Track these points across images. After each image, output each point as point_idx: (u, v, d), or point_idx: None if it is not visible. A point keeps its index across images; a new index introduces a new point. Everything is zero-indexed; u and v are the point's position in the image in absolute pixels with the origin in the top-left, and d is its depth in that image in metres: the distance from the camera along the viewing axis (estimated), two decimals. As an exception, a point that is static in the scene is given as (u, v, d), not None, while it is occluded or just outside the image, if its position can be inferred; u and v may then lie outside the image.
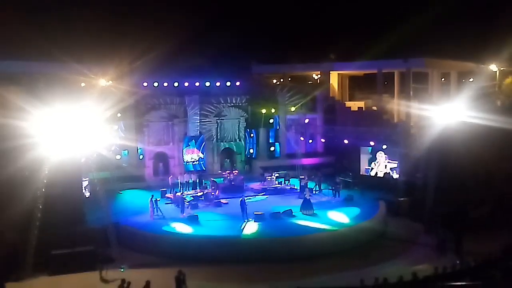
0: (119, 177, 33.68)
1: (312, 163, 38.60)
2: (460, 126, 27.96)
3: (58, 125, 22.83)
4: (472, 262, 18.92)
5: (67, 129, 22.98)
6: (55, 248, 22.22)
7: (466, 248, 23.14)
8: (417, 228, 27.42)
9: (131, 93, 33.99)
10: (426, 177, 29.07)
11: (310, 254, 23.35)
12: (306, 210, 27.73)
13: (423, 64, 39.14)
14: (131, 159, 35.97)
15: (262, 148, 39.60)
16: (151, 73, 35.54)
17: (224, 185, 33.12)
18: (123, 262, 22.51)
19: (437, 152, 28.64)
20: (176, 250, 23.55)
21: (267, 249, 23.44)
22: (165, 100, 36.83)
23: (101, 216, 24.78)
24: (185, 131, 37.46)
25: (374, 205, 29.10)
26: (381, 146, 32.70)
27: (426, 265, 21.59)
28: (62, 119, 22.93)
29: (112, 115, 31.88)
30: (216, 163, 38.55)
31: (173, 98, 36.99)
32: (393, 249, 24.71)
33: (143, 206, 28.24)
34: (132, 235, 25.14)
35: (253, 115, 39.38)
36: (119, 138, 33.68)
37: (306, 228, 25.45)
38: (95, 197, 25.87)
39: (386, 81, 44.64)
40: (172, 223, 26.11)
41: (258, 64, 41.88)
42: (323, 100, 41.76)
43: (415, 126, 37.00)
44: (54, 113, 22.85)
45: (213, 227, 25.71)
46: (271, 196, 32.15)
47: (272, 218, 26.82)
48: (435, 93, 40.58)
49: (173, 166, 36.91)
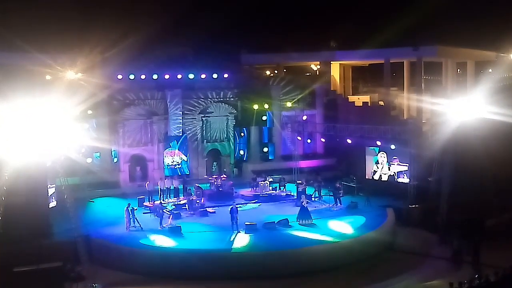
0: (90, 183, 33.68)
1: (310, 166, 38.80)
2: (478, 123, 28.24)
3: (20, 124, 22.86)
4: (492, 276, 19.16)
5: (31, 128, 23.01)
6: (17, 265, 22.17)
7: (485, 261, 23.40)
8: (430, 239, 27.62)
9: (103, 87, 33.99)
10: (440, 181, 29.32)
11: (308, 269, 23.47)
12: (304, 219, 27.90)
13: (436, 52, 39.51)
14: (103, 163, 35.98)
15: (254, 149, 39.76)
16: (126, 64, 35.57)
17: (211, 192, 33.23)
18: (95, 280, 22.54)
19: (452, 153, 28.92)
20: (155, 267, 23.60)
21: (259, 264, 23.55)
22: (143, 95, 36.87)
23: (70, 227, 24.80)
24: (166, 130, 37.52)
25: (381, 213, 29.32)
26: (389, 146, 32.95)
27: (440, 280, 21.85)
28: (24, 116, 22.96)
29: (82, 112, 31.92)
30: (202, 166, 38.64)
31: (152, 92, 37.05)
32: (402, 263, 24.89)
33: (117, 216, 28.30)
34: (106, 250, 25.15)
35: (243, 112, 39.52)
36: (90, 139, 33.65)
37: (304, 240, 25.58)
38: (63, 206, 25.89)
39: (394, 72, 45.03)
40: (151, 235, 26.15)
41: (248, 54, 42.04)
42: (323, 94, 41.99)
43: (427, 123, 37.38)
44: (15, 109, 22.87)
45: (198, 239, 25.80)
46: (264, 204, 32.29)
47: (266, 228, 26.94)
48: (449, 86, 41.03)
49: (152, 171, 36.95)
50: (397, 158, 33.08)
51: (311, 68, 48.71)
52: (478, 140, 28.18)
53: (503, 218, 28.82)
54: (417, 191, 30.91)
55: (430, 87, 42.66)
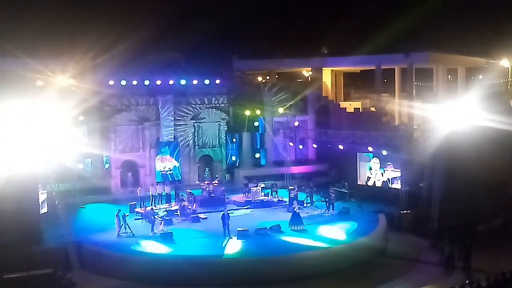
0: (81, 189, 33.56)
1: (302, 171, 38.90)
2: (469, 129, 28.41)
3: (11, 129, 22.78)
4: (483, 282, 19.25)
5: (22, 133, 22.93)
6: (8, 272, 22.06)
7: (476, 266, 23.51)
8: (422, 244, 27.75)
9: (95, 93, 33.95)
10: (431, 187, 29.47)
11: (300, 275, 23.43)
12: (296, 225, 27.89)
13: (427, 59, 39.75)
14: (95, 169, 35.87)
15: (246, 155, 39.78)
16: (117, 70, 35.52)
17: (203, 198, 33.19)
18: (86, 286, 22.46)
19: (444, 159, 29.08)
20: (147, 273, 23.46)
21: (251, 270, 23.45)
22: (135, 101, 36.89)
23: (61, 234, 24.67)
24: (158, 136, 37.51)
25: (373, 219, 29.35)
26: (380, 152, 33.09)
27: (432, 286, 21.94)
28: (15, 122, 22.89)
29: (74, 118, 31.87)
30: (193, 172, 38.63)
31: (144, 98, 37.08)
32: (394, 269, 24.89)
33: (109, 222, 28.12)
34: (97, 256, 25.01)
35: (235, 118, 39.59)
36: (81, 145, 33.58)
37: (296, 246, 25.54)
38: (54, 212, 25.77)
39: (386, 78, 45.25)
40: (143, 241, 26.08)
41: (240, 60, 42.13)
42: (314, 100, 42.12)
43: (418, 129, 37.54)
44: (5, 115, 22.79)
45: (190, 245, 25.71)
46: (256, 209, 32.29)
47: (258, 234, 26.90)
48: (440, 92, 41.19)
49: (144, 176, 36.90)
50: (391, 164, 33.22)
51: (303, 74, 48.88)
52: (469, 146, 28.32)
53: (494, 224, 28.97)
54: (408, 196, 31.03)
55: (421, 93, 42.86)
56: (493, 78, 42.00)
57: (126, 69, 35.92)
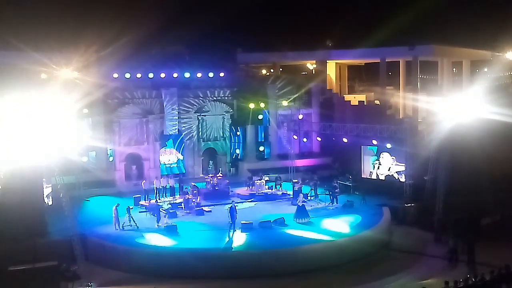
0: (86, 182, 33.56)
1: (306, 165, 38.90)
2: (474, 123, 28.34)
3: (15, 123, 22.79)
4: (487, 275, 19.23)
5: (26, 127, 22.93)
6: (13, 264, 22.12)
7: (480, 259, 23.50)
8: (426, 238, 27.78)
9: (99, 86, 33.89)
10: (436, 180, 29.41)
11: (305, 268, 23.50)
12: (300, 218, 27.93)
13: (432, 52, 39.61)
14: (99, 162, 35.91)
15: (250, 148, 39.78)
16: (122, 63, 35.49)
17: (207, 191, 33.22)
18: (90, 279, 22.48)
19: (448, 152, 29.00)
20: (151, 266, 23.55)
21: (256, 263, 23.53)
22: (139, 94, 36.83)
23: (65, 226, 24.70)
24: (162, 129, 37.51)
25: (377, 212, 29.40)
26: (384, 145, 33.02)
27: (436, 279, 21.90)
28: (19, 115, 22.89)
29: (78, 111, 31.91)
30: (198, 165, 38.65)
31: (148, 91, 37.02)
32: (398, 262, 24.95)
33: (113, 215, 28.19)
34: (101, 248, 25.13)
35: (239, 111, 39.53)
36: (85, 138, 33.63)
37: (300, 238, 25.60)
38: (59, 205, 25.80)
39: (390, 71, 45.09)
40: (147, 234, 26.15)
41: (244, 52, 42.06)
42: (319, 93, 42.07)
43: (423, 123, 37.46)
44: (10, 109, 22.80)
45: (194, 238, 25.80)
46: (260, 202, 32.30)
47: (262, 227, 26.96)
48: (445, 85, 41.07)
49: (148, 169, 36.92)
50: (395, 158, 33.15)
51: (307, 67, 48.73)
52: (474, 139, 28.27)
53: (498, 217, 28.94)
54: (412, 190, 31.01)
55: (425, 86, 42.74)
56: (498, 71, 41.83)
57: (130, 62, 35.91)
